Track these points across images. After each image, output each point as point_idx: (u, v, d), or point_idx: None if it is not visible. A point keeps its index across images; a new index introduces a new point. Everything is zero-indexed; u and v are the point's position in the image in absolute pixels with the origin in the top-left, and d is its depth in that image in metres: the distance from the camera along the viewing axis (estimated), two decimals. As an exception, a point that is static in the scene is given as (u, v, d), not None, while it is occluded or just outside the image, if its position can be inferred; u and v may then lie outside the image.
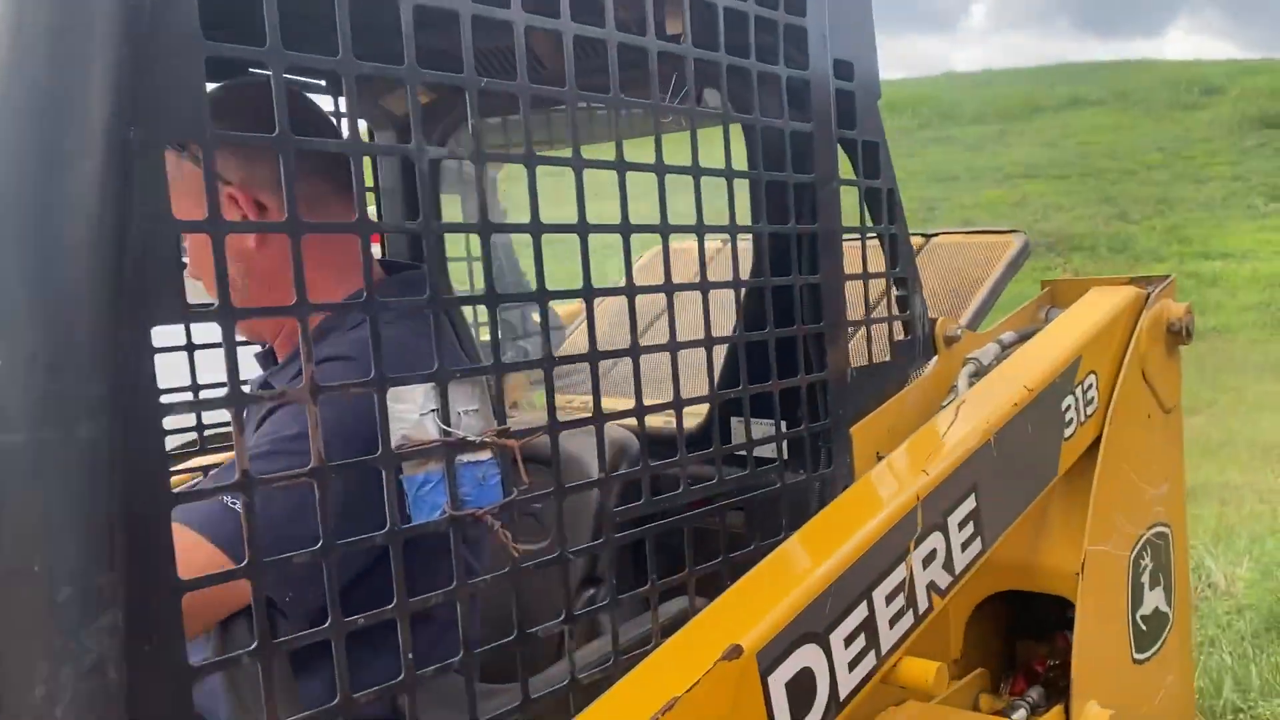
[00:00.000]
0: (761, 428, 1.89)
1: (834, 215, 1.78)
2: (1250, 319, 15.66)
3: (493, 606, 1.54)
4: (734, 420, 1.99)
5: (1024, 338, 2.03)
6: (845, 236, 1.86)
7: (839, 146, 1.82)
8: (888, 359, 1.97)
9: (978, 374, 1.92)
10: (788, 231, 1.71)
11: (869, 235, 1.91)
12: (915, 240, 2.65)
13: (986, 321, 2.36)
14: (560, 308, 2.79)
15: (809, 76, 1.72)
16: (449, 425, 1.15)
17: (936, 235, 2.58)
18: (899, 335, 2.03)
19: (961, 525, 1.58)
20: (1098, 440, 1.99)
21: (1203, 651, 4.49)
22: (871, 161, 1.92)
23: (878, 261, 1.95)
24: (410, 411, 1.19)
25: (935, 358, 2.06)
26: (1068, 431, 1.88)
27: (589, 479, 1.63)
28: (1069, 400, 1.88)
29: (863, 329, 2.04)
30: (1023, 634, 2.33)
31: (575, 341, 2.83)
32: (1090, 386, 1.96)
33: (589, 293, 1.25)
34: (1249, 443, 8.47)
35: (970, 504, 1.60)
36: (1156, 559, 2.17)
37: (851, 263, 1.91)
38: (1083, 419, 1.93)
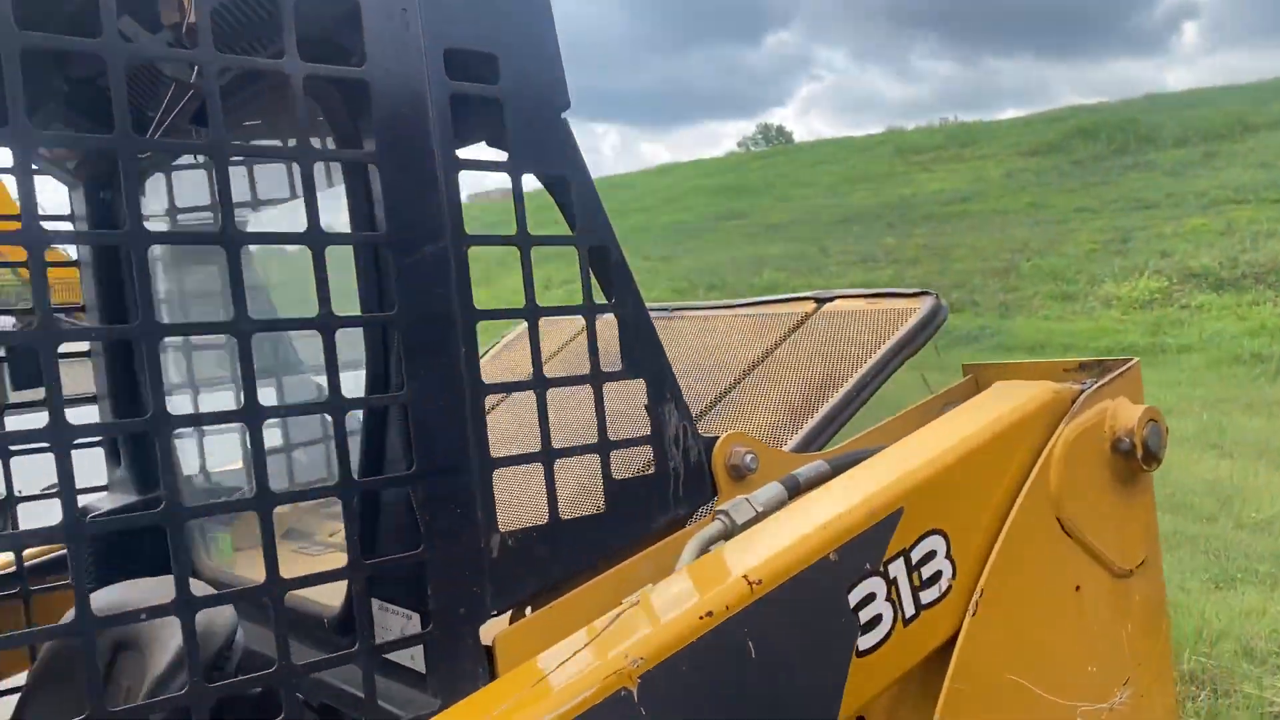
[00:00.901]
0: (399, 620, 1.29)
1: (430, 296, 1.11)
2: None
3: None
4: (377, 605, 1.33)
5: (839, 470, 1.28)
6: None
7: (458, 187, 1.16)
8: (600, 509, 1.26)
9: (727, 536, 1.19)
10: (321, 326, 1.06)
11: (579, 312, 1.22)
12: (804, 306, 1.91)
13: (864, 419, 1.61)
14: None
15: (364, 75, 1.06)
16: None
17: (832, 300, 1.84)
18: (641, 468, 1.33)
19: None
20: (953, 642, 1.22)
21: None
22: (564, 206, 1.24)
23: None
24: None
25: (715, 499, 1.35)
26: (868, 640, 1.13)
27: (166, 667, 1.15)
28: (866, 588, 1.13)
29: (604, 459, 1.34)
30: None
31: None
32: (932, 556, 1.19)
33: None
34: None
35: (565, 814, 0.89)
36: (1106, 814, 1.36)
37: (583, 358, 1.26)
38: (911, 613, 1.17)
